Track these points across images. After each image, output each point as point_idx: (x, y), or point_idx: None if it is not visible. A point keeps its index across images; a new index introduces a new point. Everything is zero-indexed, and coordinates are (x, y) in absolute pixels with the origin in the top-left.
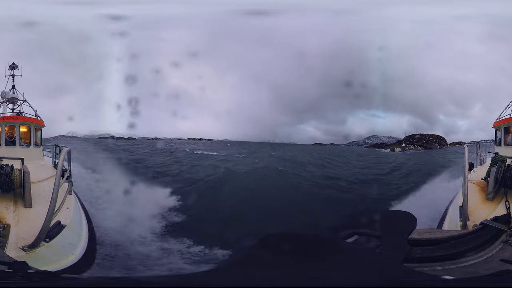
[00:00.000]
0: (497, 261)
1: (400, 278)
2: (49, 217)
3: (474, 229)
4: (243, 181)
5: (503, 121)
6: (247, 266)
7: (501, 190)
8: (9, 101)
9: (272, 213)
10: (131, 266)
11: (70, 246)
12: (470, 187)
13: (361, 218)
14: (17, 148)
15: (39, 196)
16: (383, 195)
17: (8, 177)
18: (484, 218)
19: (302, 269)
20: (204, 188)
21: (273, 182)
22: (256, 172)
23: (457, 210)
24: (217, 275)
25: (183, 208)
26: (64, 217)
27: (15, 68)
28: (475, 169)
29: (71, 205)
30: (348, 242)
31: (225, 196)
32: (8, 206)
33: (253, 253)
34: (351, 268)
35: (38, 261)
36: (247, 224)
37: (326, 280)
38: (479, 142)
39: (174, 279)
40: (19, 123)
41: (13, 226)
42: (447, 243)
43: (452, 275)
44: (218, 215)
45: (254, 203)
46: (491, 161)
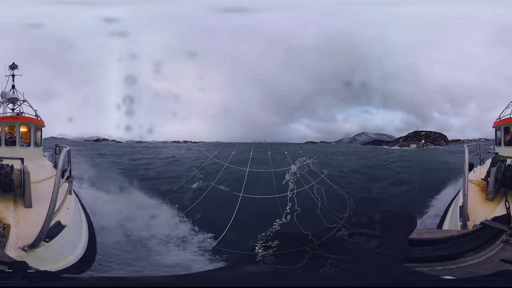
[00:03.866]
0: (497, 261)
1: (400, 278)
2: (49, 217)
3: (474, 229)
4: None
5: (503, 121)
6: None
7: (501, 190)
8: (9, 101)
9: None
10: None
11: (70, 246)
12: (470, 187)
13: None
14: (17, 148)
15: (39, 196)
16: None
17: (8, 177)
18: (484, 218)
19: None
20: None
21: None
22: None
23: (457, 210)
24: (217, 275)
25: None
26: (64, 217)
27: (15, 68)
28: (475, 169)
29: (71, 205)
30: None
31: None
32: (8, 206)
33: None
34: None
35: (38, 261)
36: None
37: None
38: (479, 142)
39: (174, 279)
40: (19, 123)
41: (13, 226)
42: (447, 243)
43: (452, 275)
44: None
45: None
46: (491, 161)
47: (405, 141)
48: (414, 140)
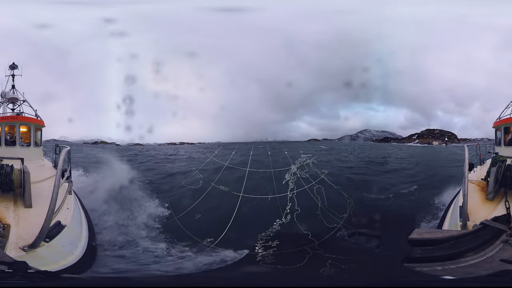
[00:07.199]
0: (497, 261)
1: (400, 278)
2: (49, 217)
3: (474, 229)
4: None
5: (503, 121)
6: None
7: (501, 190)
8: (9, 101)
9: None
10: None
11: (70, 246)
12: (470, 187)
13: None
14: (17, 148)
15: (39, 196)
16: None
17: (8, 177)
18: (484, 218)
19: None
20: None
21: None
22: None
23: (457, 210)
24: (217, 275)
25: None
26: (64, 217)
27: (15, 68)
28: (475, 169)
29: (71, 205)
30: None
31: None
32: (8, 206)
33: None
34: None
35: (38, 261)
36: None
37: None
38: (479, 142)
39: (174, 279)
40: (19, 123)
41: (13, 226)
42: (447, 243)
43: (452, 275)
44: None
45: None
46: (491, 161)
47: (423, 139)
48: (429, 137)
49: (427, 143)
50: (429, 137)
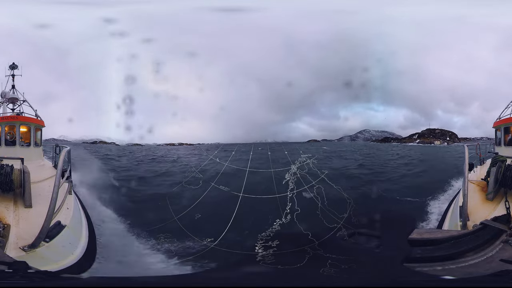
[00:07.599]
0: (497, 261)
1: (400, 278)
2: (49, 217)
3: (474, 229)
4: None
5: (503, 121)
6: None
7: (501, 190)
8: (9, 101)
9: None
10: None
11: (70, 246)
12: (470, 187)
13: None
14: (17, 148)
15: (39, 196)
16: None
17: (8, 177)
18: (484, 218)
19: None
20: None
21: None
22: None
23: (457, 210)
24: (217, 275)
25: None
26: (64, 217)
27: (15, 68)
28: (475, 169)
29: (71, 205)
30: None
31: None
32: (8, 206)
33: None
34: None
35: (38, 261)
36: None
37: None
38: (479, 142)
39: (174, 279)
40: (19, 123)
41: (13, 226)
42: (447, 243)
43: (452, 275)
44: None
45: None
46: (491, 161)
47: (424, 138)
48: (430, 137)
49: (429, 142)
50: (430, 137)
